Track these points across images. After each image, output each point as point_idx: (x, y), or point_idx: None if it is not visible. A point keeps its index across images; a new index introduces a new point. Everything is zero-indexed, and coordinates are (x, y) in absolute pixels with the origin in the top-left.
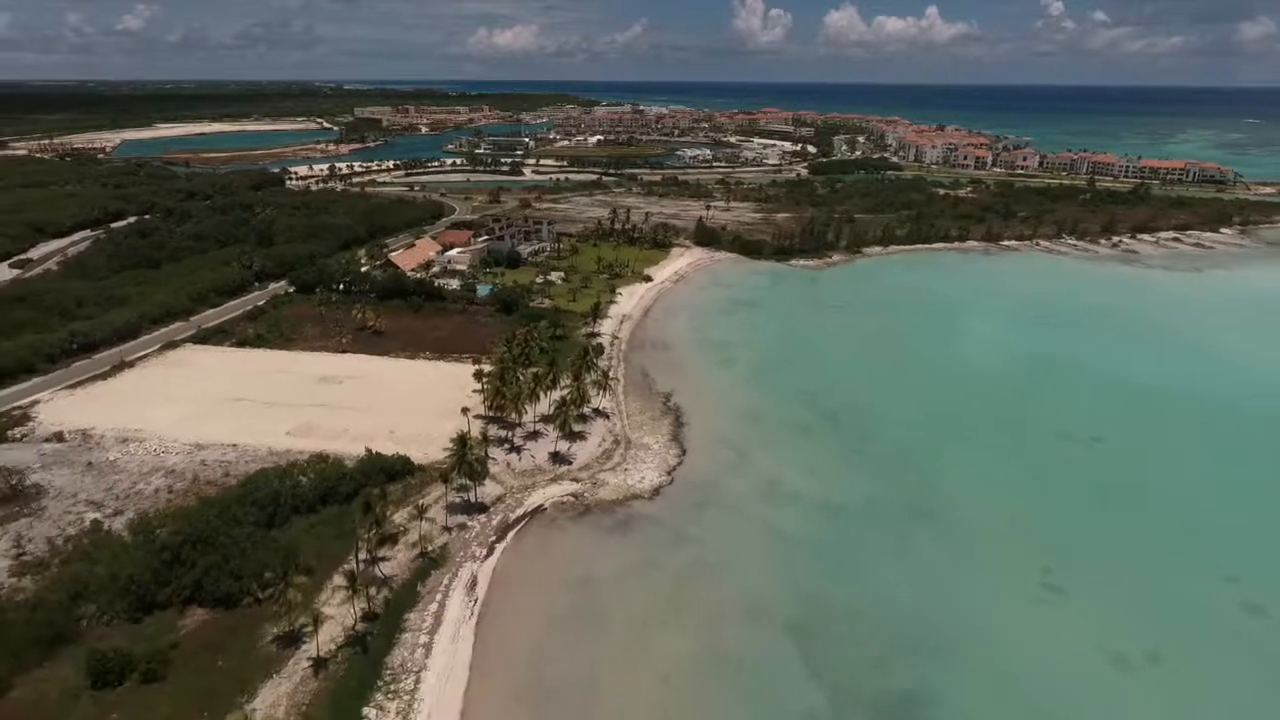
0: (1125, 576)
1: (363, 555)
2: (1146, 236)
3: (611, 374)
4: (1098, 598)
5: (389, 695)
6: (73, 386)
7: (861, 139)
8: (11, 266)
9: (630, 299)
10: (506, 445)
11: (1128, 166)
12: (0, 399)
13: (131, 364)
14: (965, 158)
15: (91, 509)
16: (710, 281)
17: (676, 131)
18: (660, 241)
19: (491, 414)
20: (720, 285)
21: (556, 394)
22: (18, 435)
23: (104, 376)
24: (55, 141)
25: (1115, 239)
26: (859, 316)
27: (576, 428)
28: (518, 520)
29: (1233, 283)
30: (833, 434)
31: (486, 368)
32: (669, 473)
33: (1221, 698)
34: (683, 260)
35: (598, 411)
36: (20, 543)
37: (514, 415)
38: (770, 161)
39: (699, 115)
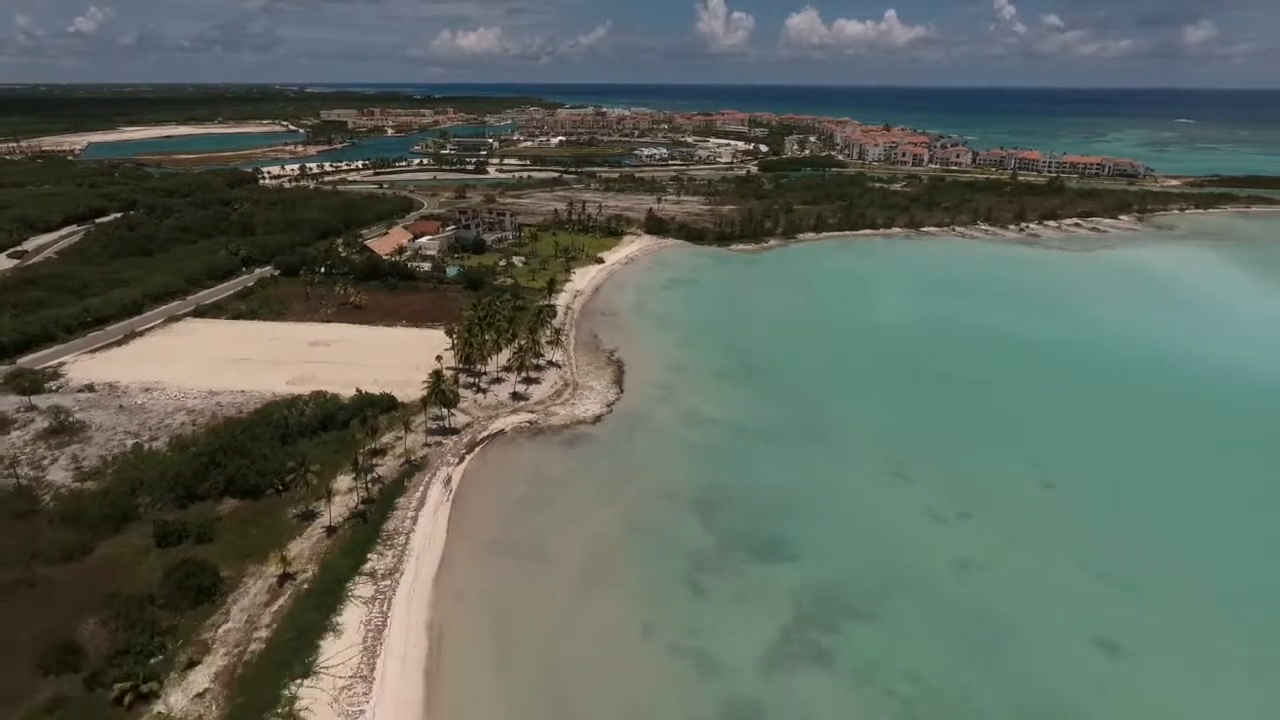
0: (957, 468)
1: (360, 463)
2: (1052, 222)
3: (563, 334)
4: (931, 481)
5: (386, 547)
6: (92, 352)
7: (813, 139)
8: (10, 257)
9: (583, 278)
10: (474, 387)
11: (1050, 162)
12: (31, 360)
13: (140, 334)
14: (904, 155)
15: (130, 436)
16: (656, 263)
17: (636, 132)
18: (613, 230)
19: (461, 365)
20: (665, 266)
21: (516, 345)
22: (54, 387)
23: (118, 344)
24: (24, 144)
25: (1023, 225)
26: (785, 290)
27: (532, 375)
28: (483, 439)
29: (1113, 259)
30: (747, 379)
31: (458, 327)
32: (608, 406)
33: (1005, 536)
34: (633, 246)
35: (551, 363)
36: (77, 460)
37: (480, 365)
38: (723, 160)
39: (659, 116)
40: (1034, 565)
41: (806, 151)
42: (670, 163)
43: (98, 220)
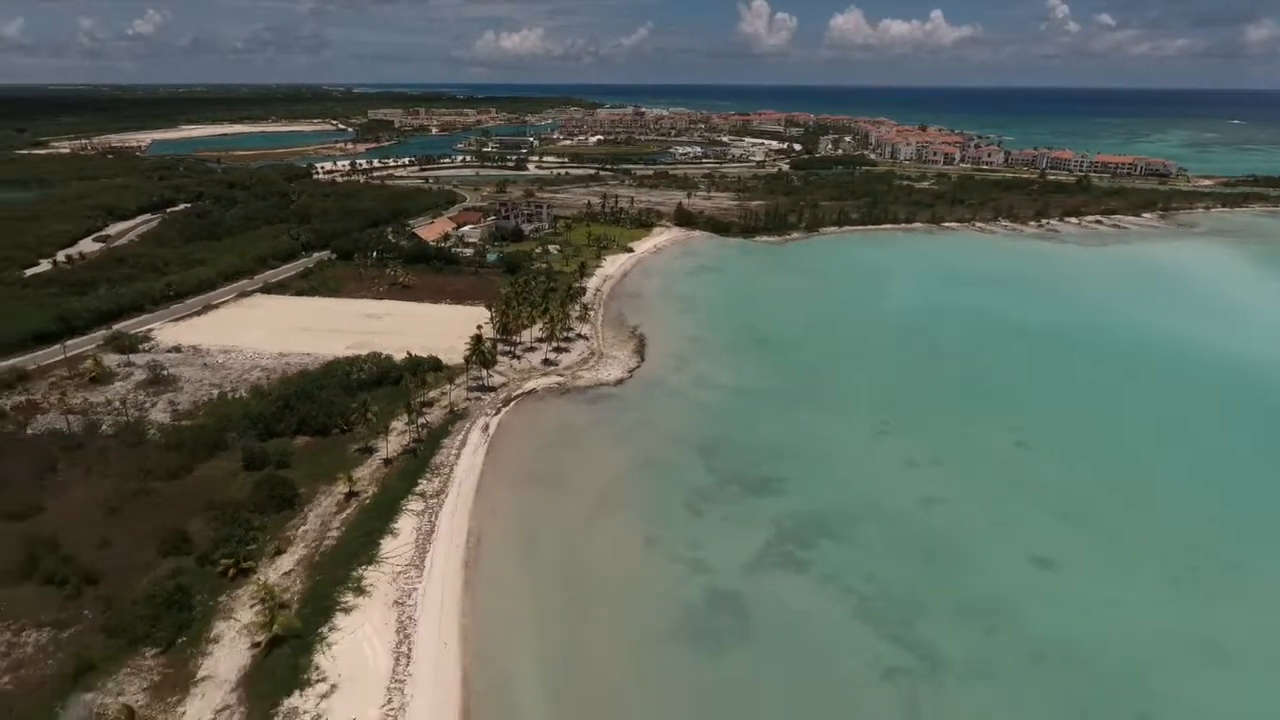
0: (939, 428)
1: (412, 409)
2: (1073, 219)
3: (592, 311)
4: (913, 437)
5: (434, 475)
6: (175, 320)
7: (848, 138)
8: (95, 241)
9: (613, 264)
10: (510, 354)
11: (1082, 161)
12: (125, 326)
13: (216, 306)
14: (935, 154)
15: (215, 387)
16: (683, 253)
17: (674, 132)
18: (643, 222)
19: (499, 336)
20: (691, 255)
21: (547, 318)
22: (146, 348)
23: (197, 314)
24: (95, 141)
25: (1044, 221)
26: (802, 277)
27: (562, 345)
28: (517, 396)
29: (1126, 253)
30: (757, 351)
31: (496, 302)
32: (629, 372)
33: (970, 481)
34: (662, 237)
35: (580, 336)
36: (173, 404)
37: (515, 335)
38: (756, 158)
39: (696, 116)
40: (990, 503)
41: (840, 151)
42: (704, 161)
43: (169, 209)
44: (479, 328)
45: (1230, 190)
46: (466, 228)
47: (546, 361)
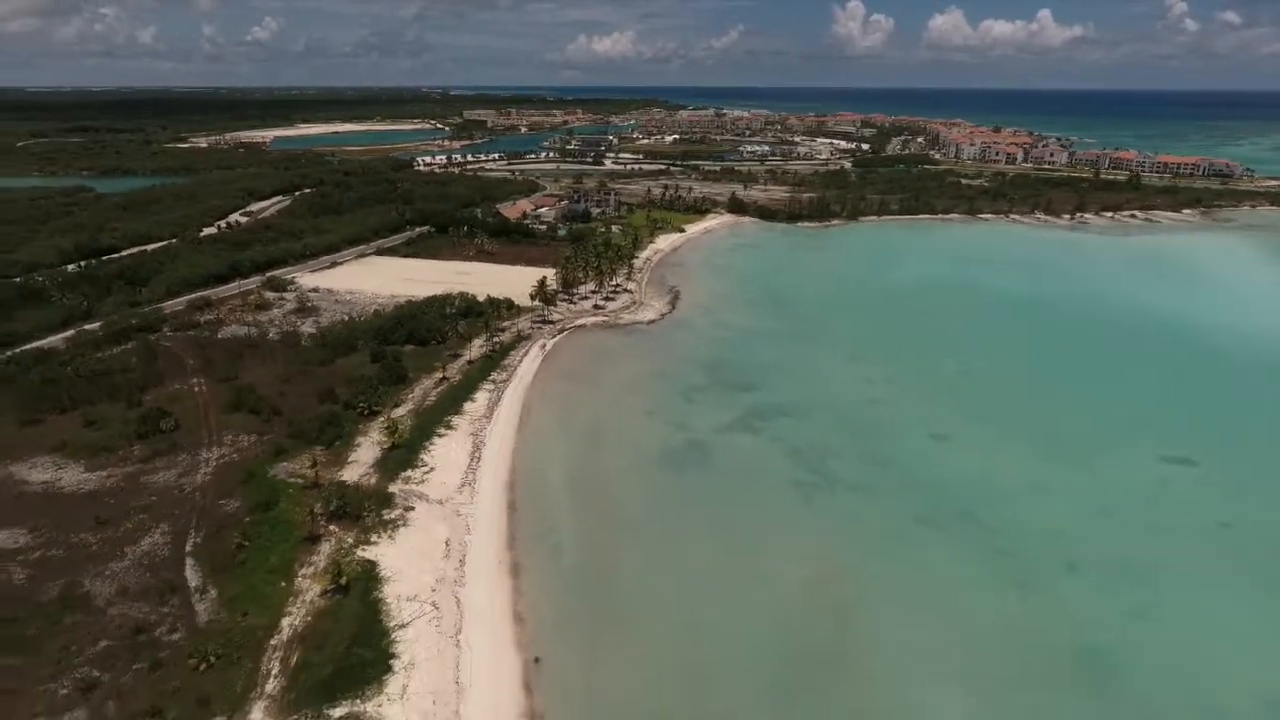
0: (902, 360)
1: (490, 329)
2: (1108, 214)
3: (639, 274)
4: (877, 363)
5: (502, 371)
6: (312, 272)
7: (919, 139)
8: (241, 215)
9: (665, 241)
10: (567, 302)
11: (1144, 161)
12: (277, 273)
13: (341, 263)
14: (997, 154)
15: (345, 314)
16: (730, 234)
17: (749, 132)
18: (698, 208)
19: (559, 288)
20: (737, 236)
21: (598, 270)
22: (293, 288)
23: (327, 268)
24: (226, 136)
25: (1079, 215)
26: (832, 254)
27: (610, 296)
28: (569, 328)
29: (1144, 243)
30: (772, 307)
31: (560, 261)
32: (661, 316)
33: (911, 391)
34: (713, 221)
35: (626, 291)
36: (317, 323)
37: (574, 288)
38: (821, 156)
39: (772, 117)
40: (919, 406)
41: (907, 150)
42: (770, 158)
43: (296, 192)
44: (543, 279)
45: None
46: (543, 209)
47: (596, 307)
